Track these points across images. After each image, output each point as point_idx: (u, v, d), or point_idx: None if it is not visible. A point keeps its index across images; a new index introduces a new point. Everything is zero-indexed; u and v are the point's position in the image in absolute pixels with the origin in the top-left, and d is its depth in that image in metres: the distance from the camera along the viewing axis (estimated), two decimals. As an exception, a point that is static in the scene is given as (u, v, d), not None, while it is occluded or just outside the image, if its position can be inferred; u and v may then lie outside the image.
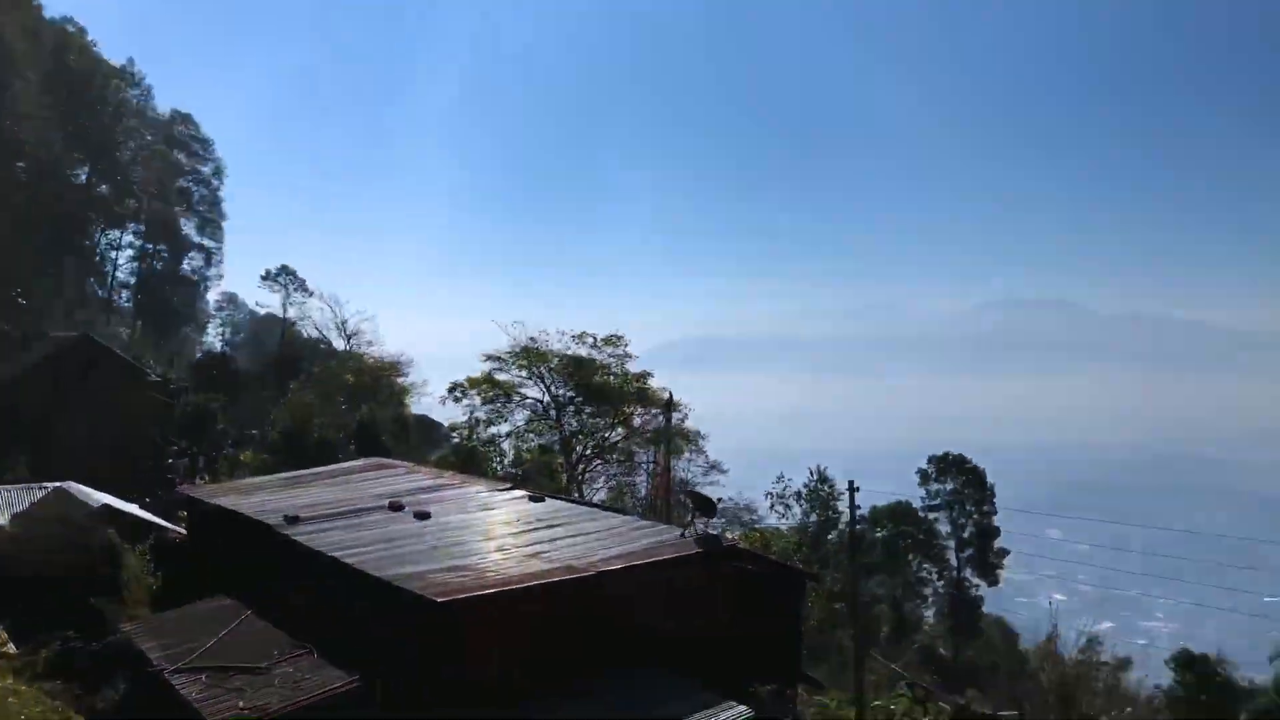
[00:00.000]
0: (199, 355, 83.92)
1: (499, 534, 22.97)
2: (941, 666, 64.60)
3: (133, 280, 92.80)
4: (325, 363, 65.12)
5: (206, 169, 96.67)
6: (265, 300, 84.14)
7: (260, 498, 28.58)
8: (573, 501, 29.81)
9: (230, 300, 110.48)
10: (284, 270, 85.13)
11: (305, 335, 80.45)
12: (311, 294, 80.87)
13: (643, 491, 60.50)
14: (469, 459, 51.32)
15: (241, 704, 17.94)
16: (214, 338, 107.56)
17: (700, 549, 20.85)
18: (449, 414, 60.61)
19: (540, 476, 49.22)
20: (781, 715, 20.24)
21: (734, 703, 17.69)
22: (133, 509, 33.38)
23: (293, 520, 24.75)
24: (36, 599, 24.11)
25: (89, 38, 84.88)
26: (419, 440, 62.28)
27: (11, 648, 22.74)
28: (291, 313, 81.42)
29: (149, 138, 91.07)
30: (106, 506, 30.80)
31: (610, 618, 19.50)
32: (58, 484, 34.71)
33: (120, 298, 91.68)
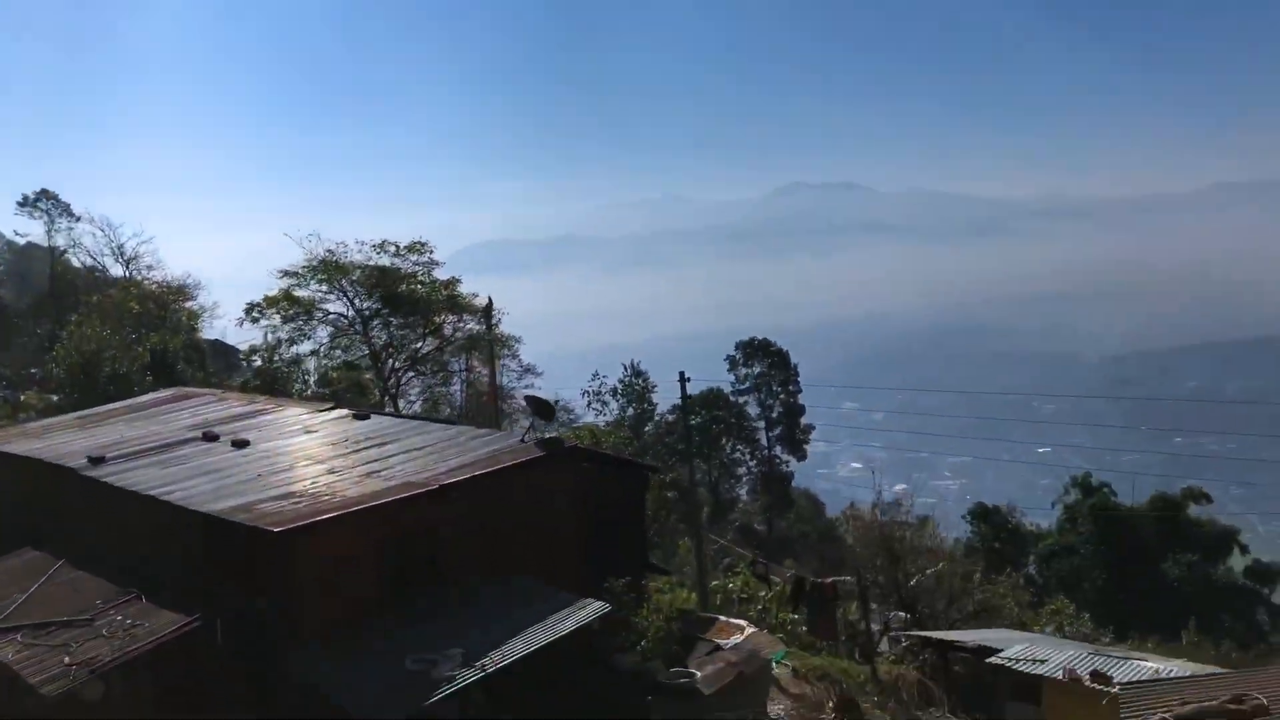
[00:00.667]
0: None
1: (327, 456, 22.11)
2: (758, 541, 67.67)
3: None
4: (104, 291, 60.40)
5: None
6: (24, 229, 76.86)
7: (54, 440, 26.47)
8: (400, 417, 29.03)
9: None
10: (44, 194, 77.81)
11: (77, 264, 74.27)
12: (79, 219, 74.38)
13: (458, 400, 59.85)
14: (272, 382, 49.09)
15: (68, 659, 16.78)
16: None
17: (543, 452, 20.69)
18: (246, 336, 57.70)
19: (350, 394, 47.70)
20: (634, 605, 20.59)
21: (590, 600, 17.85)
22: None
23: (97, 461, 23.06)
24: None
25: None
26: (217, 367, 59.14)
27: None
28: (58, 240, 74.76)
29: None
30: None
31: (459, 531, 19.20)
32: None
33: None
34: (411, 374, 56.49)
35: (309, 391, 50.21)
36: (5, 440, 27.78)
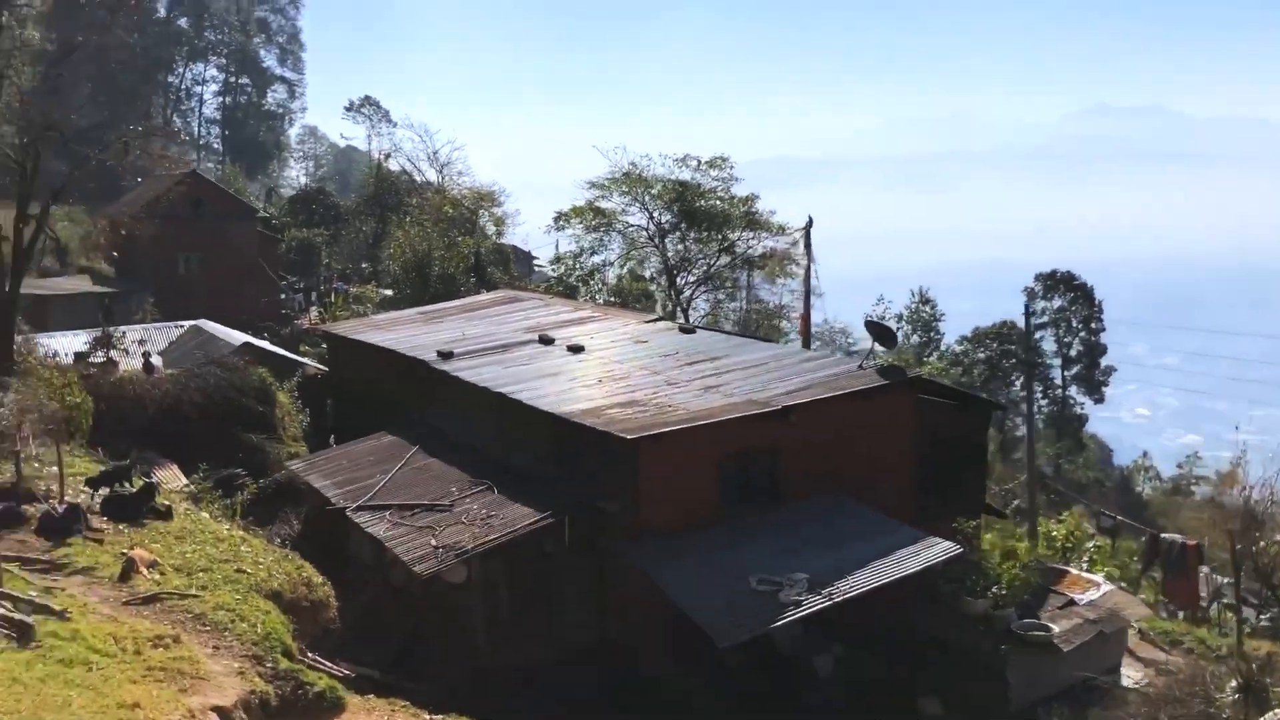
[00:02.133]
0: (288, 190, 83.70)
1: (663, 368, 22.39)
2: (1046, 485, 64.41)
3: (218, 116, 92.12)
4: (422, 194, 64.29)
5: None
6: (349, 133, 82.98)
7: (402, 333, 28.35)
8: (725, 333, 29.11)
9: (311, 134, 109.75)
10: (367, 101, 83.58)
11: (395, 167, 79.51)
12: (396, 125, 79.49)
13: (738, 316, 59.79)
14: (571, 290, 50.82)
15: (434, 542, 17.94)
16: (298, 172, 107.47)
17: (885, 380, 20.04)
18: (540, 243, 59.81)
19: (640, 305, 48.61)
20: (971, 548, 19.79)
21: (939, 539, 17.23)
22: (266, 346, 33.55)
23: (446, 355, 24.45)
24: (195, 436, 24.32)
25: None
26: (519, 272, 61.93)
27: (183, 483, 23.02)
28: (377, 144, 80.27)
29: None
30: (247, 344, 30.95)
31: (797, 454, 18.99)
32: (190, 322, 35.03)
33: (209, 134, 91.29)
34: (703, 289, 56.89)
35: (601, 300, 51.60)
36: (356, 330, 30.11)
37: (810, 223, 34.26)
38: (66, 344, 28.43)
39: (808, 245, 34.01)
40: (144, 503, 14.51)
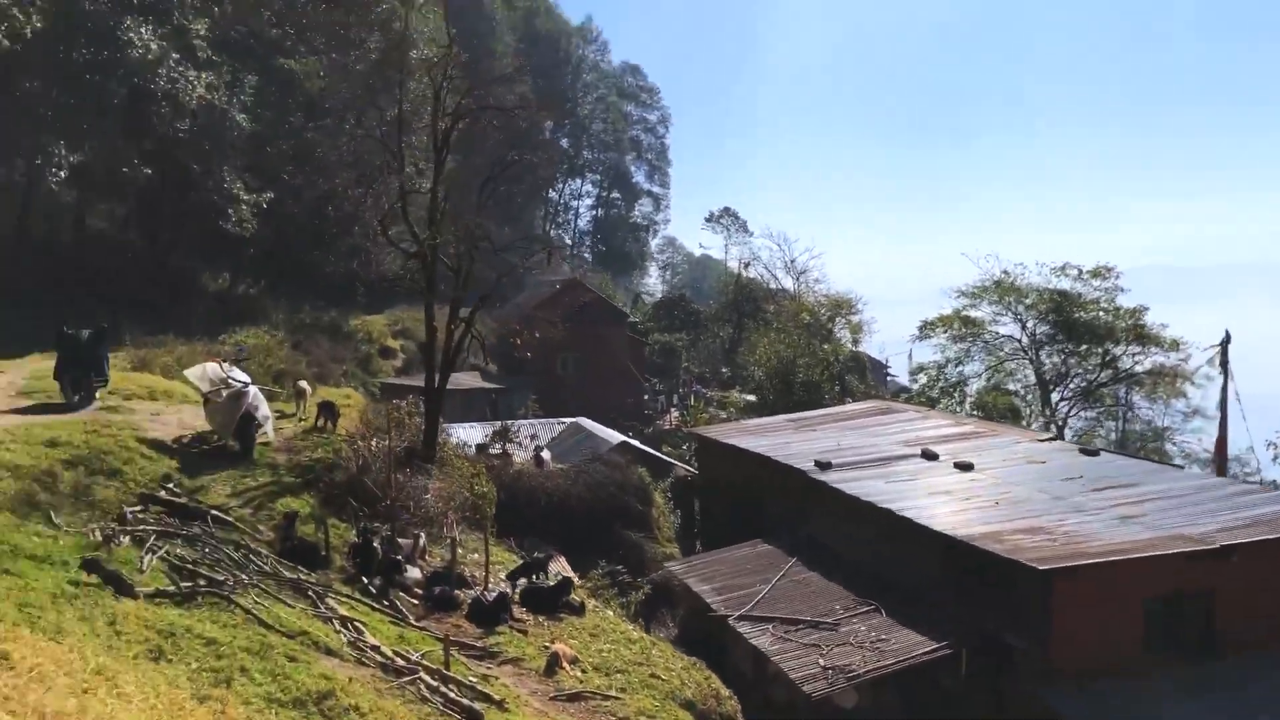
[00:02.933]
0: (649, 296, 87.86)
1: (1067, 492, 20.60)
2: None
3: (590, 228, 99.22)
4: (779, 301, 65.23)
5: (653, 117, 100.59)
6: (707, 242, 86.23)
7: (774, 439, 28.22)
8: (1135, 457, 26.68)
9: (670, 243, 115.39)
10: (726, 212, 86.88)
11: (749, 275, 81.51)
12: (753, 234, 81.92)
13: (1112, 436, 54.99)
14: (932, 401, 48.98)
15: (821, 661, 17.23)
16: (655, 279, 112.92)
17: (1350, 522, 17.24)
18: (892, 352, 58.10)
19: (1006, 419, 45.79)
20: None
21: None
22: (641, 446, 34.57)
23: (825, 466, 23.95)
24: (579, 530, 25.18)
25: (552, 1, 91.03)
26: (875, 381, 60.82)
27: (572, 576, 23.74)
28: (735, 253, 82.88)
29: (603, 91, 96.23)
30: (624, 443, 32.06)
31: (1239, 597, 16.64)
32: (571, 419, 36.91)
33: (581, 243, 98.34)
34: (1081, 405, 53.07)
35: (964, 413, 49.30)
36: (727, 434, 30.36)
37: (1228, 338, 30.93)
38: (467, 435, 30.77)
39: (1224, 362, 30.65)
40: (560, 596, 14.97)
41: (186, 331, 37.09)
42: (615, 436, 33.54)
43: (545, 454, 28.20)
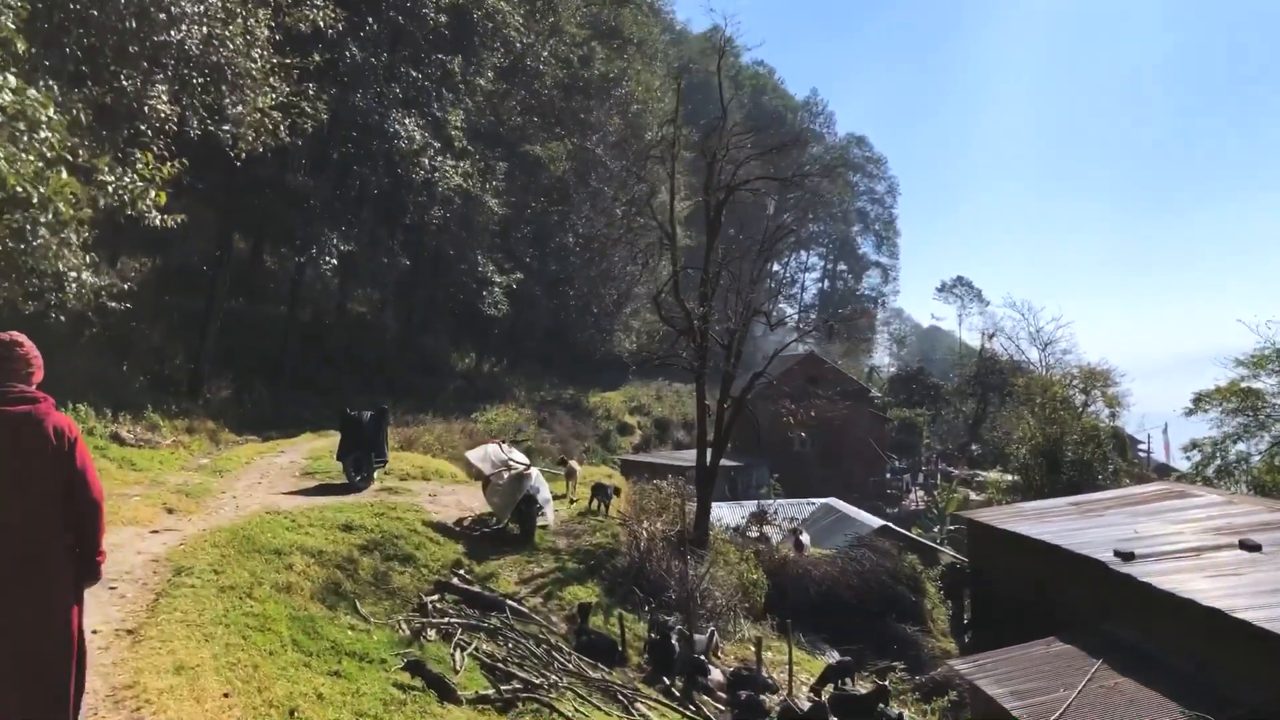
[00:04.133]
0: (883, 370, 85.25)
1: None
2: None
3: (816, 301, 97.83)
4: (1028, 374, 61.61)
5: (880, 187, 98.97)
6: (939, 312, 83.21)
7: (1057, 525, 25.77)
8: None
9: (897, 314, 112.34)
10: (959, 281, 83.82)
11: (991, 346, 77.81)
12: (988, 303, 78.55)
13: None
14: (1205, 482, 44.42)
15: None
16: (883, 352, 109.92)
17: None
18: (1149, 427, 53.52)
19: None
20: None
21: None
22: (903, 531, 32.66)
23: (1127, 557, 21.47)
24: (848, 622, 23.64)
25: (776, 77, 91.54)
26: (1133, 457, 56.29)
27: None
28: (969, 323, 79.58)
29: (829, 163, 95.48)
30: (886, 526, 30.31)
31: None
32: (821, 500, 35.41)
33: (808, 317, 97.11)
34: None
35: (1239, 493, 44.52)
36: (1002, 519, 28.07)
37: None
38: (717, 515, 29.85)
39: None
40: (875, 704, 13.64)
41: (439, 409, 38.19)
42: (872, 519, 31.83)
43: (804, 538, 26.88)
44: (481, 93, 40.49)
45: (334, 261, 34.77)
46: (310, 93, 22.89)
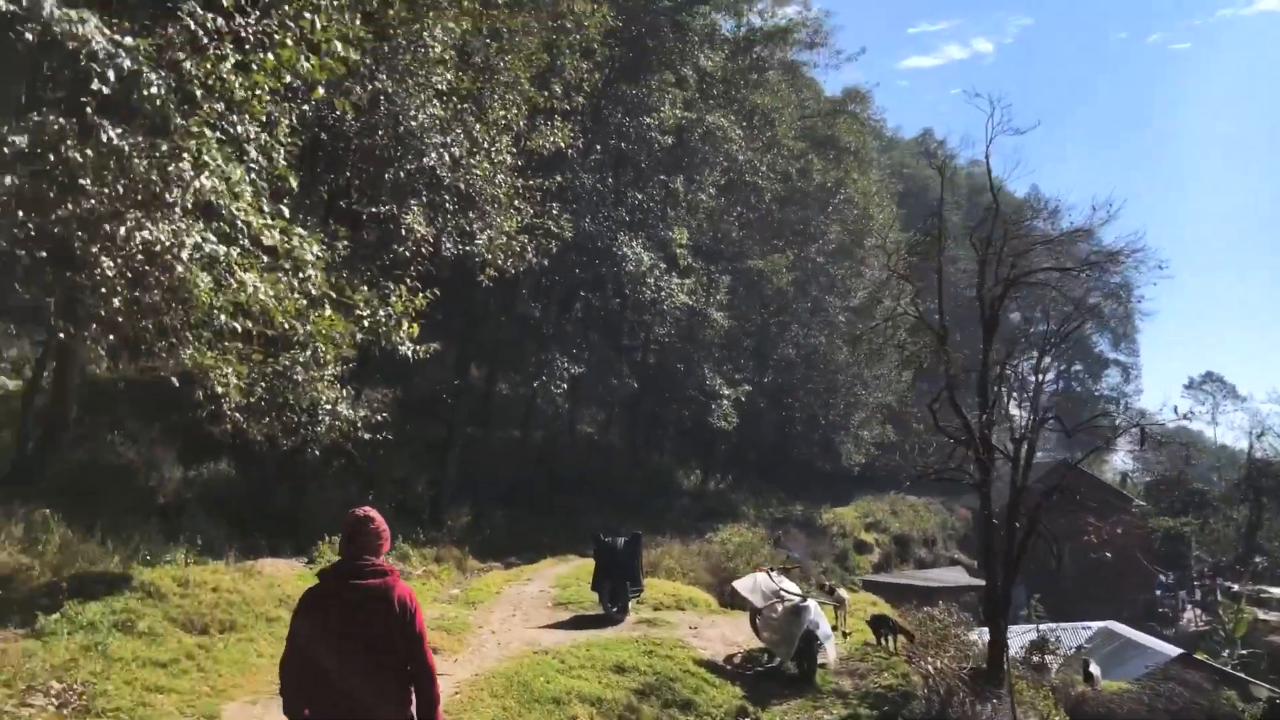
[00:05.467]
0: (1136, 476, 78.86)
1: None
2: None
3: (1050, 405, 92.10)
4: (1311, 477, 55.20)
5: (1115, 279, 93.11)
6: (1185, 409, 76.39)
7: None
8: None
9: (1140, 415, 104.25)
10: (1209, 377, 77.17)
11: (1253, 446, 70.56)
12: (1243, 398, 71.66)
13: None
14: None
15: None
16: (1122, 456, 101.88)
17: None
18: None
19: None
20: None
21: None
22: (1205, 660, 28.84)
23: None
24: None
25: (995, 175, 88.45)
26: None
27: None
28: (1223, 421, 72.71)
29: (1053, 260, 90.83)
30: (1185, 655, 26.75)
31: None
32: (1100, 624, 31.94)
33: (1044, 422, 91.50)
34: None
35: None
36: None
37: None
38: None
39: None
40: None
41: (671, 529, 37.24)
42: (1165, 647, 28.26)
43: (1094, 669, 23.88)
44: (703, 209, 40.41)
45: (564, 386, 34.81)
46: (554, 213, 22.98)
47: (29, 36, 9.75)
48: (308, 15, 11.55)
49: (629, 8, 33.36)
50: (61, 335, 15.13)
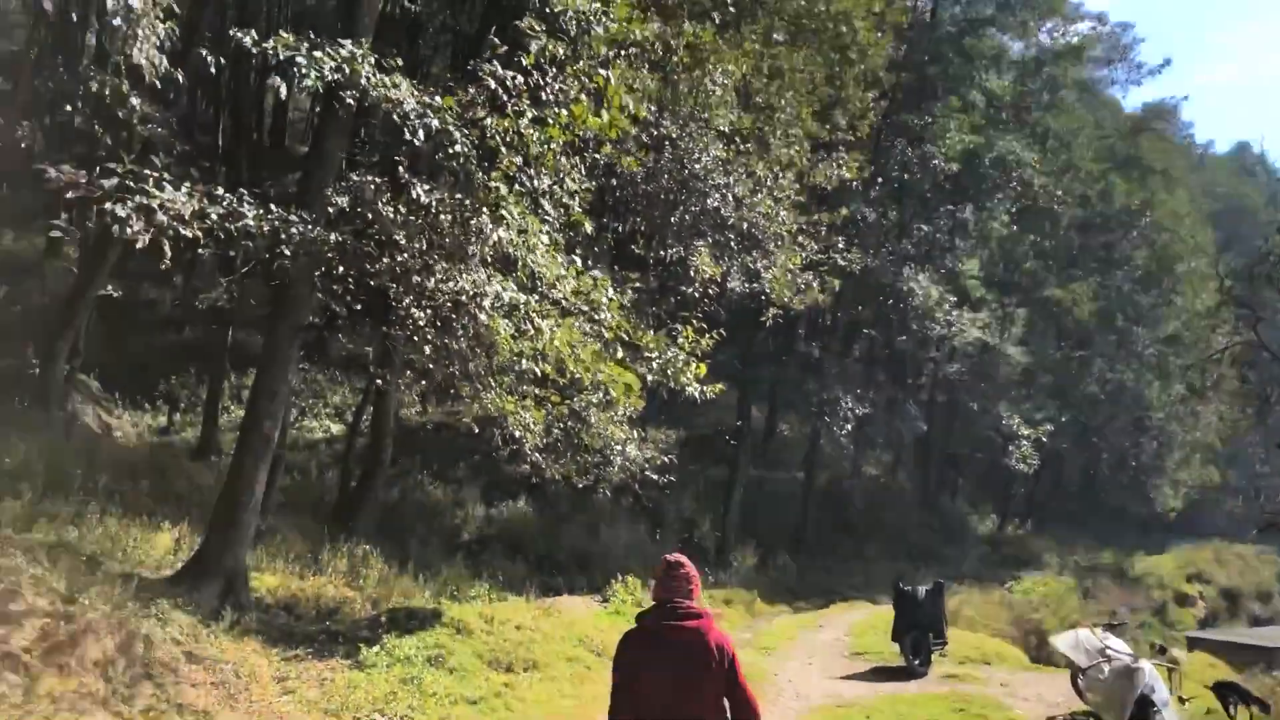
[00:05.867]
0: None
1: None
2: None
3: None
4: None
5: None
6: None
7: None
8: None
9: None
10: None
11: None
12: None
13: None
14: None
15: None
16: None
17: None
18: None
19: None
20: None
21: None
22: None
23: None
24: None
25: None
26: None
27: None
28: None
29: None
30: None
31: None
32: None
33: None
34: None
35: None
36: None
37: None
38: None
39: None
40: None
41: (963, 576, 35.47)
42: None
43: None
44: (994, 239, 38.54)
45: (849, 426, 33.95)
46: (839, 247, 22.52)
47: (349, 101, 10.46)
48: (601, 71, 11.78)
49: (911, 36, 32.50)
50: (380, 382, 16.34)
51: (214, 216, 9.78)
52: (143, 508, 13.94)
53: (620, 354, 12.83)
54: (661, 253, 17.46)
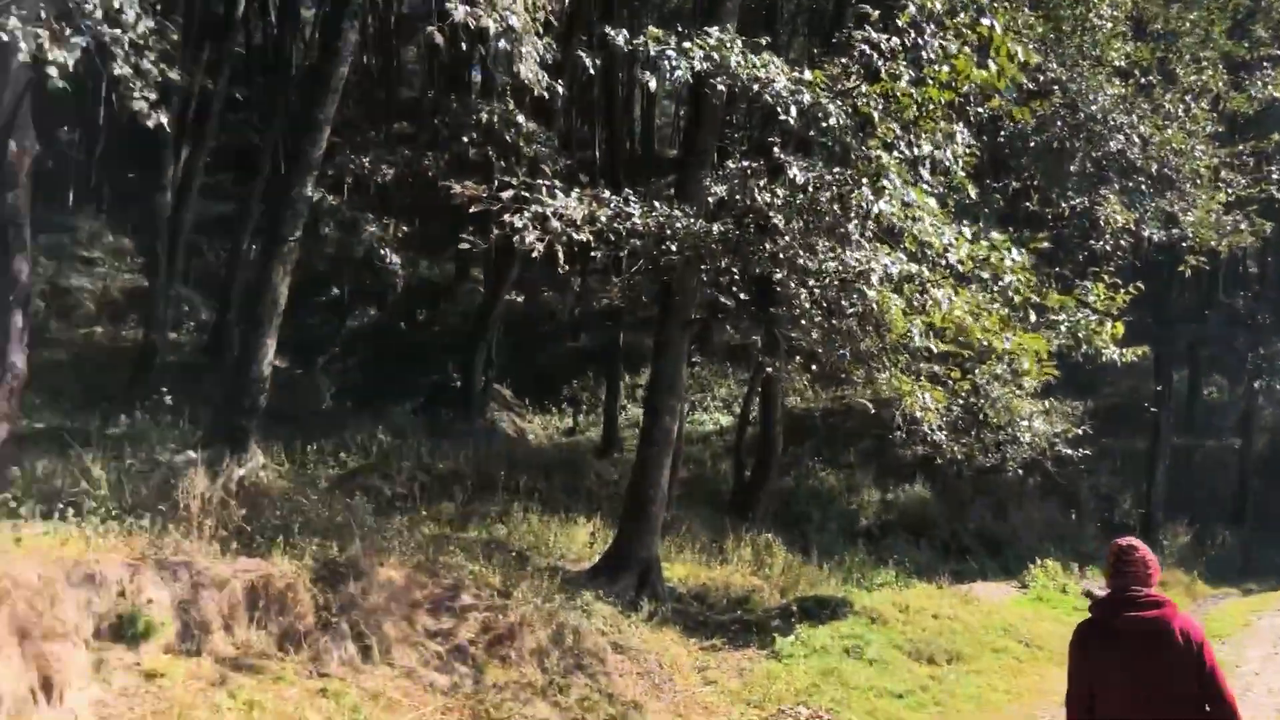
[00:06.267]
0: None
1: None
2: None
3: None
4: None
5: None
6: None
7: None
8: None
9: None
10: None
11: None
12: None
13: None
14: None
15: None
16: None
17: None
18: None
19: None
20: None
21: None
22: None
23: None
24: None
25: None
26: None
27: None
28: None
29: None
30: None
31: None
32: None
33: None
34: None
35: None
36: None
37: None
38: None
39: None
40: None
41: None
42: None
43: None
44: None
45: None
46: (1276, 178, 19.60)
47: (720, 88, 10.37)
48: (984, 21, 10.83)
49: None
50: (769, 370, 16.25)
51: (603, 219, 10.10)
52: (558, 504, 14.80)
53: (1033, 317, 11.77)
54: (1061, 206, 16.01)
